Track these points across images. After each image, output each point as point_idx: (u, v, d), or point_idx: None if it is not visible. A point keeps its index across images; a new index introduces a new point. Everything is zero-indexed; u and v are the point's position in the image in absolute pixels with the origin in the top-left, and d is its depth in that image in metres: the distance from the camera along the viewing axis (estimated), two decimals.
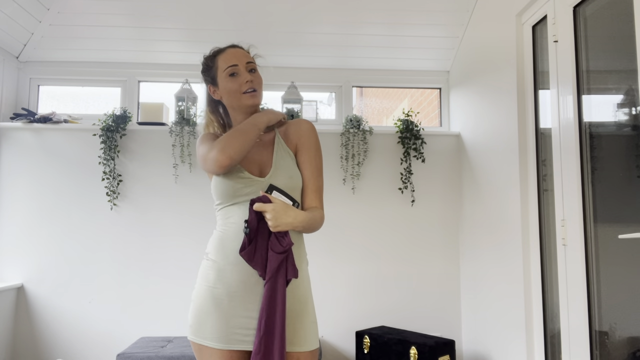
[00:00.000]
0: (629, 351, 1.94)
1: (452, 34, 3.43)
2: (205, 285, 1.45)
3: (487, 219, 3.01)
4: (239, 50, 1.57)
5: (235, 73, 1.52)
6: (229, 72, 1.52)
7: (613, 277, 2.01)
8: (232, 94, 1.52)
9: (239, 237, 1.42)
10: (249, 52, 1.60)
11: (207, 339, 1.41)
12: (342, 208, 3.43)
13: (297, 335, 1.42)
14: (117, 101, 3.63)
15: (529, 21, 2.57)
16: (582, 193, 2.13)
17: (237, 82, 1.51)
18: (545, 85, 2.45)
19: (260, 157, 1.51)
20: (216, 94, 1.57)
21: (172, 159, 3.38)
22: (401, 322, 3.40)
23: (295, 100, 3.47)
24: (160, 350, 2.80)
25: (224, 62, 1.53)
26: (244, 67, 1.52)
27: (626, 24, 1.90)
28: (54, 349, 3.22)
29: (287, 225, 1.38)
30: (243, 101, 1.51)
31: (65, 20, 3.25)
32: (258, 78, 1.55)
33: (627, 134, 1.99)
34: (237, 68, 1.52)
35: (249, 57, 1.56)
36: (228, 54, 1.54)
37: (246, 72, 1.52)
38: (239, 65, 1.52)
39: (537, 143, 2.54)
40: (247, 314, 1.40)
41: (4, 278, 3.26)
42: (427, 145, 3.52)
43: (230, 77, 1.52)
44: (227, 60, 1.53)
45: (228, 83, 1.52)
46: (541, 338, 2.49)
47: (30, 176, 3.33)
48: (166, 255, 3.32)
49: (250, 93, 1.51)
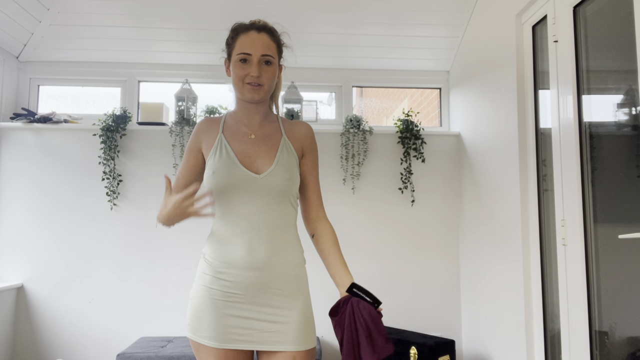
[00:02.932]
0: (629, 351, 1.94)
1: (452, 34, 3.43)
2: (202, 285, 1.45)
3: (487, 219, 3.01)
4: (261, 37, 1.47)
5: (246, 60, 1.45)
6: (240, 58, 1.46)
7: (613, 277, 2.01)
8: (236, 80, 1.48)
9: (231, 238, 1.43)
10: (277, 38, 1.52)
11: (204, 338, 1.41)
12: (342, 208, 3.43)
13: (294, 334, 1.41)
14: (117, 101, 3.63)
15: (529, 21, 2.57)
16: (582, 193, 2.13)
17: (244, 71, 1.45)
18: (545, 85, 2.45)
19: (260, 152, 1.49)
20: (228, 71, 1.53)
21: (172, 159, 3.38)
22: (401, 322, 3.40)
23: (295, 100, 3.47)
24: (160, 350, 2.80)
25: (240, 46, 1.46)
26: (257, 59, 1.45)
27: (626, 24, 1.90)
28: (54, 349, 3.22)
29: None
30: (243, 92, 1.47)
31: (65, 20, 3.25)
32: (269, 72, 1.47)
33: (627, 134, 1.99)
34: (250, 57, 1.45)
35: (268, 48, 1.47)
36: (247, 39, 1.46)
37: (257, 64, 1.45)
38: (253, 56, 1.45)
39: (537, 143, 2.54)
40: (242, 314, 1.41)
41: (4, 278, 3.26)
42: (427, 145, 3.52)
43: (239, 63, 1.46)
44: (244, 45, 1.46)
45: (236, 67, 1.47)
46: (541, 338, 2.49)
47: (30, 176, 3.33)
48: (166, 255, 3.32)
49: (253, 87, 1.46)
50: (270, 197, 1.45)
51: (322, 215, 1.57)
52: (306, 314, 1.45)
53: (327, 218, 1.57)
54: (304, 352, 1.41)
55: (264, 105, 1.55)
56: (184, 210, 1.35)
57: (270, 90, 1.51)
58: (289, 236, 1.48)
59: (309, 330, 1.44)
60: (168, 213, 1.38)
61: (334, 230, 1.55)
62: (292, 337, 1.41)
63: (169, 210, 1.37)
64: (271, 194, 1.45)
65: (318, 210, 1.57)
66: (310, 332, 1.44)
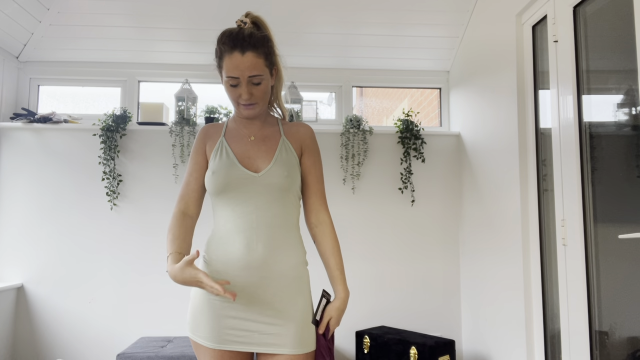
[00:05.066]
0: (629, 351, 1.94)
1: (452, 34, 3.43)
2: None
3: (487, 219, 3.01)
4: (247, 58, 1.39)
5: (235, 85, 1.43)
6: (229, 82, 1.42)
7: (613, 277, 2.01)
8: (230, 99, 1.48)
9: (229, 237, 1.43)
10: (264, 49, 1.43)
11: (202, 338, 1.42)
12: (342, 208, 3.43)
13: (293, 337, 1.41)
14: (117, 101, 3.63)
15: (529, 21, 2.57)
16: (582, 193, 2.13)
17: (235, 93, 1.44)
18: (545, 85, 2.45)
19: (260, 152, 1.49)
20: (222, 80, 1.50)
21: (172, 159, 3.38)
22: (401, 322, 3.40)
23: (295, 100, 3.47)
24: (160, 350, 2.80)
25: (227, 69, 1.41)
26: (246, 81, 1.41)
27: (626, 24, 1.90)
28: (54, 349, 3.22)
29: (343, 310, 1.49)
30: (239, 110, 1.49)
31: (65, 20, 3.25)
32: (260, 91, 1.44)
33: (627, 134, 1.99)
34: (238, 81, 1.41)
35: (255, 67, 1.40)
36: (232, 62, 1.39)
37: (246, 86, 1.42)
38: (240, 79, 1.41)
39: (537, 143, 2.54)
40: (238, 315, 1.40)
41: (4, 278, 3.26)
42: (427, 145, 3.52)
43: (230, 86, 1.44)
44: (229, 69, 1.40)
45: (227, 89, 1.46)
46: (541, 338, 2.49)
47: (30, 176, 3.33)
48: (166, 255, 3.31)
49: (246, 107, 1.46)
50: (269, 195, 1.44)
51: (322, 218, 1.53)
52: (306, 316, 1.44)
53: (327, 221, 1.53)
54: (302, 356, 1.40)
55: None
56: (196, 284, 1.31)
57: (266, 101, 1.50)
58: (289, 236, 1.46)
59: (309, 332, 1.43)
60: (183, 280, 1.32)
61: (333, 235, 1.51)
62: (291, 339, 1.40)
63: (184, 279, 1.31)
64: (270, 193, 1.44)
65: (318, 212, 1.53)
66: (310, 334, 1.43)
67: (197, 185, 1.52)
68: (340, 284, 1.48)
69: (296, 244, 1.48)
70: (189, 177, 1.53)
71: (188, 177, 1.53)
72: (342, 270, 1.49)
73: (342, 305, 1.46)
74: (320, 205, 1.54)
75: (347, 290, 1.47)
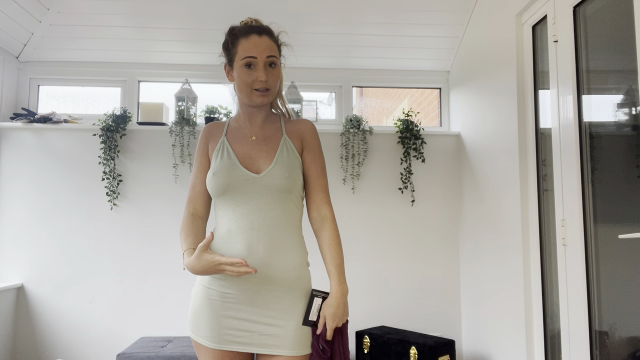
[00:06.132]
0: (629, 351, 1.94)
1: (452, 34, 3.43)
2: (201, 284, 1.46)
3: (487, 219, 3.01)
4: (264, 40, 1.45)
5: (251, 64, 1.43)
6: (245, 63, 1.43)
7: (613, 277, 2.01)
8: (243, 86, 1.45)
9: (231, 238, 1.43)
10: (276, 38, 1.51)
11: (202, 337, 1.42)
12: (342, 208, 3.43)
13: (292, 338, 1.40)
14: (117, 101, 3.63)
15: (529, 21, 2.57)
16: (582, 193, 2.13)
17: (251, 76, 1.43)
18: (545, 85, 2.45)
19: (261, 153, 1.49)
20: (230, 76, 1.51)
21: (172, 159, 3.38)
22: (401, 322, 3.40)
23: (295, 100, 3.47)
24: (160, 350, 2.80)
25: (244, 51, 1.43)
26: (263, 62, 1.44)
27: (626, 24, 1.90)
28: (54, 349, 3.22)
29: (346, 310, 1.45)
30: (252, 97, 1.46)
31: (65, 20, 3.25)
32: (275, 75, 1.46)
33: (627, 134, 1.99)
34: (255, 61, 1.43)
35: (271, 49, 1.46)
36: (250, 43, 1.44)
37: (263, 68, 1.43)
38: (258, 59, 1.43)
39: (537, 143, 2.54)
40: (239, 315, 1.40)
41: (4, 278, 3.26)
42: (427, 145, 3.52)
43: (245, 68, 1.44)
44: (247, 49, 1.43)
45: (242, 74, 1.44)
46: (541, 338, 2.49)
47: (30, 176, 3.33)
48: (166, 255, 3.32)
49: (261, 92, 1.45)
50: (270, 196, 1.44)
51: (323, 212, 1.50)
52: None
53: (328, 216, 1.50)
54: (301, 357, 1.40)
55: (266, 106, 1.55)
56: (216, 269, 1.32)
57: (276, 91, 1.51)
58: (290, 237, 1.46)
59: (309, 334, 1.42)
60: (202, 269, 1.33)
61: (332, 230, 1.48)
62: (290, 341, 1.39)
63: (202, 267, 1.33)
64: (271, 193, 1.44)
65: (320, 207, 1.51)
66: (310, 336, 1.43)
67: (202, 187, 1.53)
68: (333, 278, 1.44)
69: (297, 245, 1.48)
70: (195, 179, 1.54)
71: (194, 179, 1.54)
72: (339, 265, 1.45)
73: (335, 302, 1.41)
74: (322, 200, 1.51)
75: (341, 285, 1.42)
